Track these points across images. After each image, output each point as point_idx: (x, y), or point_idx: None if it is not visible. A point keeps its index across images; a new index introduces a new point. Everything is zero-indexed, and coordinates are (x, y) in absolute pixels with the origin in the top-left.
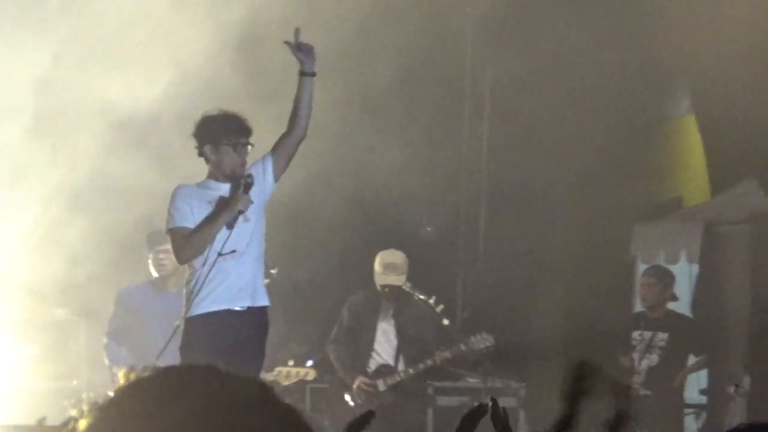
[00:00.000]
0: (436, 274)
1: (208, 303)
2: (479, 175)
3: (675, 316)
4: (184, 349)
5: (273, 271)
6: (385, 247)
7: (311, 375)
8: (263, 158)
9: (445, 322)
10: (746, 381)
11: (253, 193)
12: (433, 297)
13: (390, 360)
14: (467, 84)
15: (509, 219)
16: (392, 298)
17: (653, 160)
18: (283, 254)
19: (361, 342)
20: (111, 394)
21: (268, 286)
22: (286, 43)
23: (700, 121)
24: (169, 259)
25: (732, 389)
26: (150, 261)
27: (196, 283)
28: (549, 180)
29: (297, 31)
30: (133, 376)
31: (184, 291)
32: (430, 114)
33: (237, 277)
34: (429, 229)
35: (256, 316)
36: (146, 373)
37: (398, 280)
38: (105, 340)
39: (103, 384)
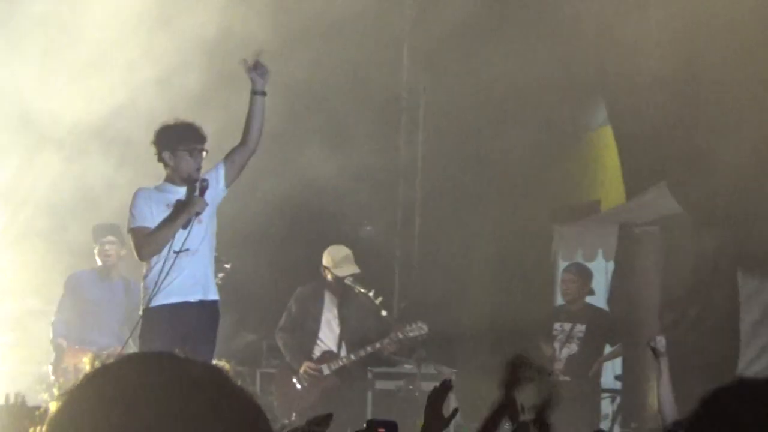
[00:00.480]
0: (375, 269)
1: (165, 296)
2: (415, 179)
3: (592, 310)
4: (142, 337)
5: (227, 266)
6: (329, 244)
7: (227, 367)
8: (216, 166)
9: (384, 313)
10: (660, 341)
11: (207, 196)
12: (372, 290)
13: (333, 347)
14: (404, 98)
15: (442, 219)
16: (336, 291)
17: (573, 168)
18: (235, 250)
19: (306, 330)
20: (79, 378)
21: (223, 279)
22: (243, 61)
23: (616, 132)
24: (113, 250)
25: (653, 348)
26: (96, 251)
27: (153, 277)
28: (478, 184)
29: (259, 52)
30: (98, 363)
31: (142, 285)
32: (371, 125)
33: (191, 273)
34: (369, 228)
35: (207, 308)
36: (110, 360)
37: (354, 268)
38: (53, 318)
39: (71, 369)
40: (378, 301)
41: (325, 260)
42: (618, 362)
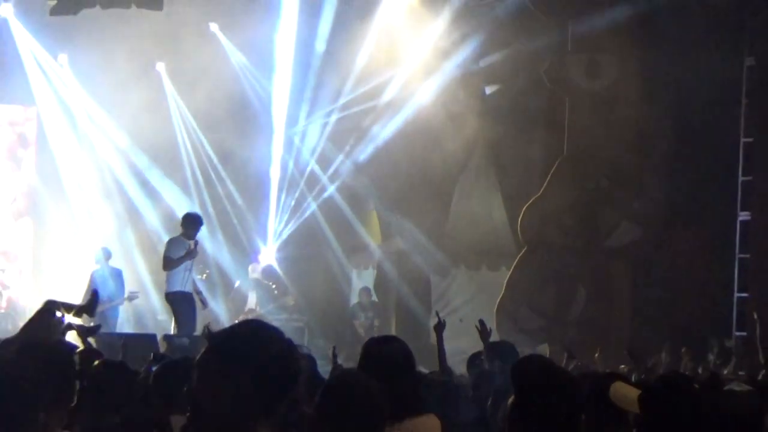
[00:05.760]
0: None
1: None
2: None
3: (375, 303)
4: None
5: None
6: None
7: None
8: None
9: (276, 292)
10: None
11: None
12: (272, 282)
13: (253, 306)
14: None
15: (301, 251)
16: (254, 282)
17: (363, 230)
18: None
19: (242, 299)
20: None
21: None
22: None
23: (376, 208)
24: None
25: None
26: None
27: (177, 276)
28: (319, 236)
29: None
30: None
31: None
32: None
33: (191, 278)
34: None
35: (191, 296)
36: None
37: (257, 275)
38: None
39: None
40: (273, 286)
41: (249, 269)
42: None
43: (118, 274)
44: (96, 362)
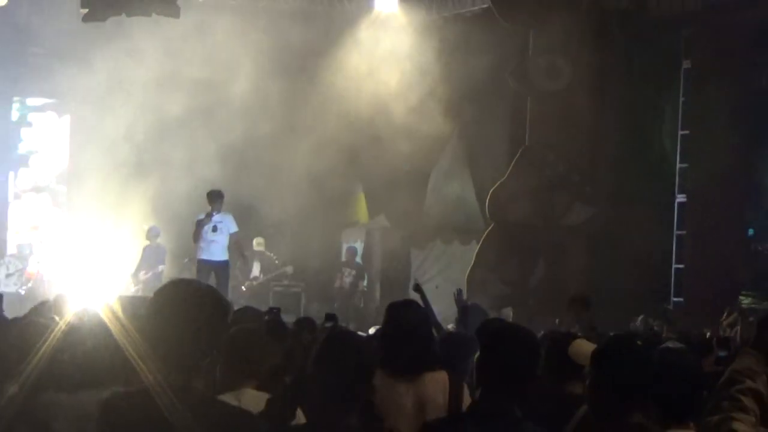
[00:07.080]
0: (277, 248)
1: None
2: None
3: (358, 264)
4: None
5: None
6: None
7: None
8: (230, 218)
9: (276, 261)
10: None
11: (223, 227)
12: (273, 253)
13: (257, 274)
14: None
15: (308, 229)
16: (257, 253)
17: (351, 207)
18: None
19: (247, 267)
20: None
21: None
22: None
23: (365, 190)
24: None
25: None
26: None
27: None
28: (321, 212)
29: None
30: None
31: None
32: None
33: (216, 247)
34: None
35: (223, 263)
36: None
37: (261, 248)
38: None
39: None
40: (275, 257)
41: (253, 242)
42: None
43: (163, 251)
44: None
